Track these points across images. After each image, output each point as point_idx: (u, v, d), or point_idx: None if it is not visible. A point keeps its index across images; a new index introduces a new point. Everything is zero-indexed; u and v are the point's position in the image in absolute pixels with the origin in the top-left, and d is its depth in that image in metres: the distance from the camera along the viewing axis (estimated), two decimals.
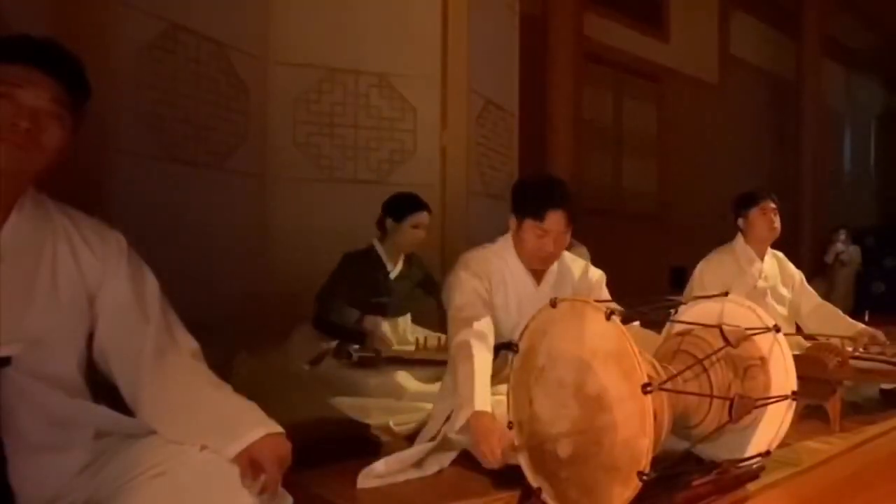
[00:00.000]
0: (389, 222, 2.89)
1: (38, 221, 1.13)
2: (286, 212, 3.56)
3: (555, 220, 1.89)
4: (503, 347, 1.97)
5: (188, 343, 1.24)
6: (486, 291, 1.94)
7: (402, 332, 3.01)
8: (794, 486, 1.70)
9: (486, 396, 1.66)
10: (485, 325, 1.85)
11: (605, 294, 2.11)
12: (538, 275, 2.03)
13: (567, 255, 2.13)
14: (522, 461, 1.52)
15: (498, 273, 1.98)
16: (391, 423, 2.15)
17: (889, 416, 2.39)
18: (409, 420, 2.16)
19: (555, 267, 2.06)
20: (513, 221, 1.99)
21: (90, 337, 1.18)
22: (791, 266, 3.18)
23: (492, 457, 1.53)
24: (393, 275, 2.93)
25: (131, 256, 1.23)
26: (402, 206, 2.89)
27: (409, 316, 3.07)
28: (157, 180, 2.92)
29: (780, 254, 3.18)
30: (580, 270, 2.14)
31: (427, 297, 3.10)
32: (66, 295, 1.14)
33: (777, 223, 3.03)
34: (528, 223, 1.92)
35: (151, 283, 1.24)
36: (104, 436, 1.15)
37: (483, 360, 1.74)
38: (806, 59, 8.92)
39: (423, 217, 2.90)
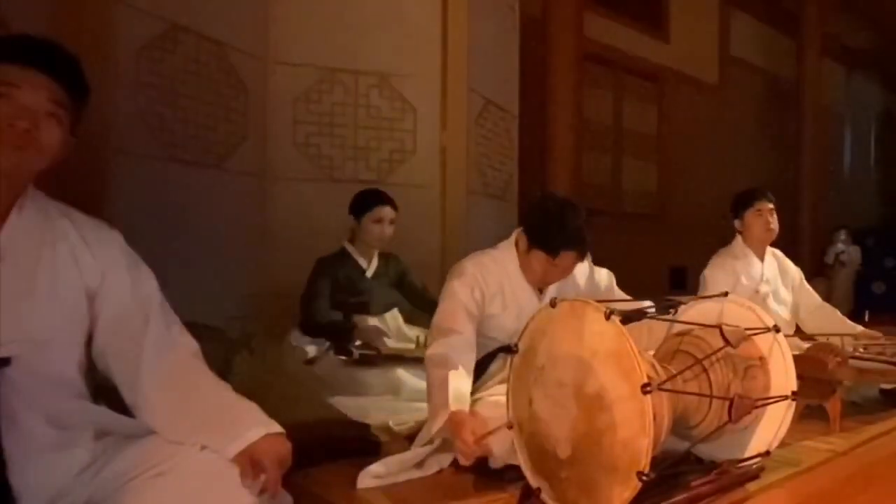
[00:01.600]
0: (351, 220, 2.89)
1: (38, 221, 1.13)
2: (286, 212, 3.56)
3: (567, 258, 1.89)
4: (502, 350, 1.96)
5: (188, 343, 1.24)
6: (476, 303, 1.92)
7: (394, 328, 2.97)
8: (794, 486, 1.70)
9: (460, 398, 1.66)
10: (464, 338, 1.84)
11: (619, 293, 2.09)
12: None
13: None
14: (522, 461, 1.52)
15: (496, 282, 1.96)
16: (391, 423, 2.15)
17: (889, 416, 2.39)
18: (408, 420, 2.16)
19: None
20: (523, 239, 1.96)
21: (90, 337, 1.18)
22: (791, 265, 3.17)
23: (466, 448, 1.52)
24: (369, 273, 2.92)
25: (130, 256, 1.23)
26: (361, 203, 2.88)
27: (396, 311, 3.02)
28: (157, 180, 2.92)
29: (780, 252, 3.17)
30: (584, 275, 2.12)
31: (403, 297, 3.04)
32: (65, 295, 1.14)
33: (774, 224, 3.01)
34: (540, 254, 1.90)
35: (150, 283, 1.24)
36: (104, 436, 1.16)
37: (455, 371, 1.72)
38: (806, 59, 8.91)
39: (383, 212, 2.86)
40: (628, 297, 2.05)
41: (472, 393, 1.82)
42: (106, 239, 1.21)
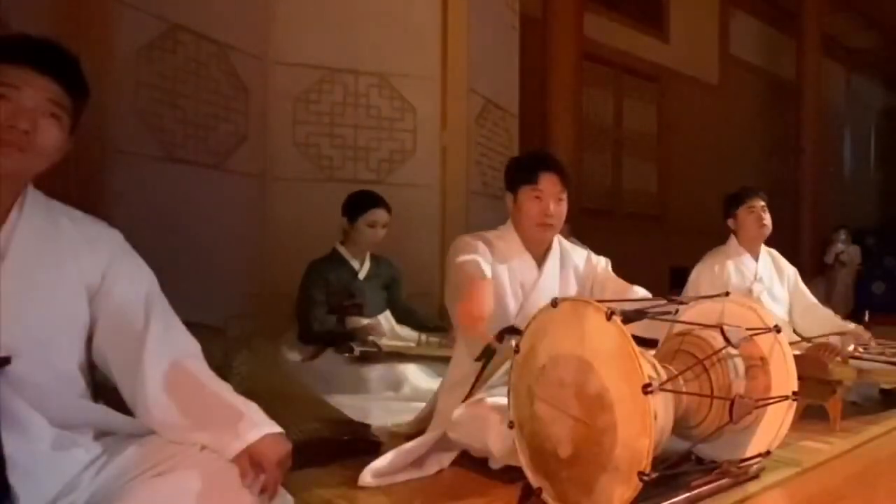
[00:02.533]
0: (345, 222, 2.88)
1: (38, 221, 1.13)
2: (286, 212, 3.56)
3: (548, 180, 1.94)
4: (506, 332, 1.95)
5: (188, 342, 1.24)
6: (486, 254, 1.94)
7: (387, 328, 2.97)
8: (794, 486, 1.70)
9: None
10: (488, 257, 1.88)
11: (615, 277, 2.10)
12: (539, 258, 2.03)
13: (565, 241, 2.14)
14: (523, 461, 1.52)
15: (499, 254, 1.98)
16: (389, 425, 2.15)
17: (889, 416, 2.39)
18: (408, 421, 2.16)
19: (556, 249, 2.06)
20: (510, 199, 2.01)
21: (90, 336, 1.18)
22: (787, 264, 3.18)
23: (475, 310, 1.53)
24: (362, 275, 2.92)
25: (130, 255, 1.23)
26: (355, 205, 2.88)
27: (388, 312, 3.02)
28: (157, 180, 2.92)
29: (775, 251, 3.18)
30: (582, 258, 2.13)
31: (390, 300, 3.05)
32: (65, 294, 1.14)
33: (766, 220, 3.03)
34: (524, 190, 1.95)
35: (150, 282, 1.24)
36: (104, 435, 1.15)
37: (488, 267, 1.78)
38: (806, 59, 8.92)
39: (378, 215, 2.86)
40: (625, 283, 2.05)
41: (473, 391, 1.81)
42: (106, 238, 1.21)
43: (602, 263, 2.14)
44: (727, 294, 1.76)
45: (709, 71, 8.49)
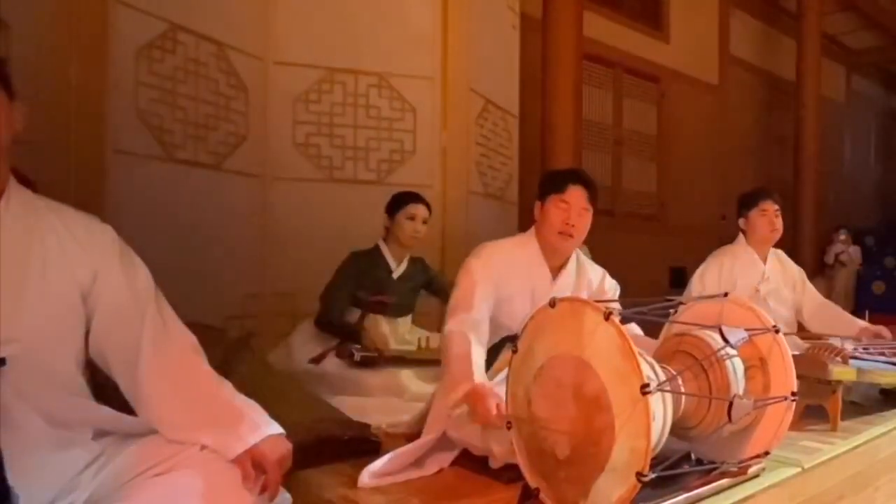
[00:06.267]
0: (386, 219, 2.92)
1: (25, 218, 1.10)
2: (286, 212, 3.56)
3: (575, 193, 2.00)
4: (509, 339, 1.96)
5: (185, 337, 1.23)
6: (492, 284, 1.98)
7: (401, 332, 3.01)
8: (794, 486, 1.70)
9: (479, 371, 1.72)
10: (481, 316, 1.91)
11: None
12: (555, 270, 2.08)
13: (585, 258, 2.18)
14: (521, 461, 1.52)
15: (513, 262, 2.02)
16: (383, 426, 2.14)
17: (889, 416, 2.39)
18: (406, 421, 2.16)
19: (573, 264, 2.11)
20: (538, 208, 2.07)
21: (87, 334, 1.17)
22: (792, 264, 3.18)
23: (488, 416, 1.58)
24: (396, 274, 2.94)
25: (123, 250, 1.21)
26: (396, 201, 2.93)
27: (409, 317, 3.07)
28: (157, 180, 2.92)
29: (781, 252, 3.18)
30: (598, 277, 2.18)
31: (432, 296, 3.11)
32: (57, 292, 1.11)
33: (778, 224, 3.02)
34: (551, 198, 2.02)
35: (144, 277, 1.22)
36: (104, 435, 1.15)
37: (476, 345, 1.80)
38: (806, 59, 8.91)
39: (418, 208, 2.90)
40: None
41: None
42: (96, 233, 1.19)
43: (612, 290, 2.19)
44: (726, 295, 1.76)
45: (709, 71, 8.49)
